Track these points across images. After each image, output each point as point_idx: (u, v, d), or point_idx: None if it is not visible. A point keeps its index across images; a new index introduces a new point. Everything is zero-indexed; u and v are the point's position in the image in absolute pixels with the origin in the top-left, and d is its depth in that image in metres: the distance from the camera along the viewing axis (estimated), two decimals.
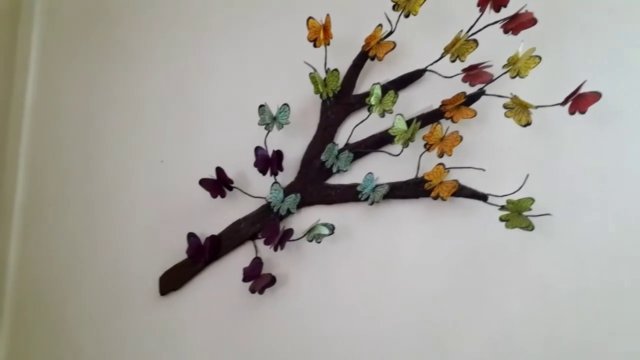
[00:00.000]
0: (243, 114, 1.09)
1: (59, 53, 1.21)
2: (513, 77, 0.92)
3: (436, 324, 1.00)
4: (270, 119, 1.00)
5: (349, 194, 1.04)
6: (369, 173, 1.00)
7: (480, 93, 0.97)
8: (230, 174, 1.03)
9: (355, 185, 1.03)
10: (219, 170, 1.01)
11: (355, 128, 1.03)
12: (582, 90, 0.88)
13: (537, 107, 0.90)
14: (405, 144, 0.99)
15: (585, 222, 0.99)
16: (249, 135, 1.02)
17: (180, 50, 1.16)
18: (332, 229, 0.98)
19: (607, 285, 0.97)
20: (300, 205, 1.05)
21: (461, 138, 0.95)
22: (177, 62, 1.15)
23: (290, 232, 1.00)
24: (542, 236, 0.96)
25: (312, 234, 0.98)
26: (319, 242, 0.99)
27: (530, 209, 0.91)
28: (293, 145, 1.06)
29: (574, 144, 1.00)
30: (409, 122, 0.98)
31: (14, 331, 1.15)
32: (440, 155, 0.98)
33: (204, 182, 1.02)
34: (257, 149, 1.00)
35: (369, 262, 1.03)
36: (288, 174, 1.06)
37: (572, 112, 0.89)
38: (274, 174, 1.01)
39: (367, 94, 0.98)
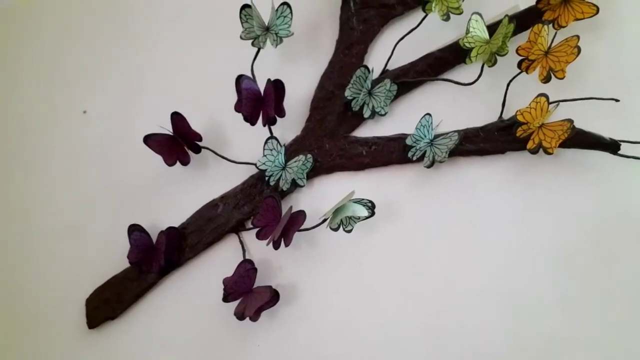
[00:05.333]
0: (214, 24, 0.70)
1: None
2: None
3: (544, 347, 0.62)
4: (261, 29, 0.60)
5: (393, 152, 0.65)
6: (426, 115, 0.60)
7: None
8: (196, 125, 0.62)
9: (402, 137, 0.64)
10: (178, 119, 0.61)
11: (399, 44, 0.64)
12: None
13: None
14: (490, 62, 0.60)
15: None
16: (225, 60, 0.65)
17: None
18: (371, 208, 0.59)
19: None
20: (312, 172, 0.65)
21: (579, 50, 0.57)
22: None
23: (301, 216, 0.60)
24: None
25: (340, 218, 0.58)
26: (349, 231, 0.60)
27: None
28: (297, 76, 0.66)
29: None
30: (491, 28, 0.60)
31: None
32: (546, 80, 0.60)
33: (152, 140, 0.62)
34: (241, 79, 0.59)
35: (429, 260, 0.64)
36: (291, 124, 0.66)
37: None
38: (269, 122, 0.61)
39: None
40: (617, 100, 0.59)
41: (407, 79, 0.65)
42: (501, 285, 0.63)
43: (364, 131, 0.67)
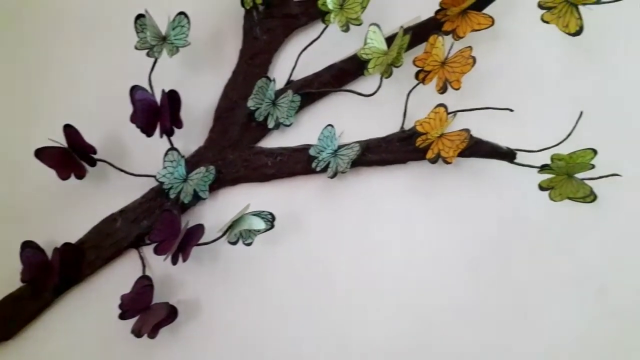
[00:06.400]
0: (112, 33, 0.68)
1: None
2: None
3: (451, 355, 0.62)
4: (157, 39, 0.59)
5: (298, 163, 0.64)
6: (328, 126, 0.60)
7: None
8: (91, 137, 0.60)
9: (306, 148, 0.63)
10: (71, 131, 0.58)
11: (302, 55, 0.63)
12: None
13: (597, 1, 0.55)
14: (386, 73, 0.61)
15: None
16: (126, 70, 0.61)
17: None
18: (270, 220, 0.58)
19: None
20: (216, 184, 0.64)
21: (474, 60, 0.58)
22: None
23: (199, 230, 0.58)
24: (608, 211, 0.62)
25: (237, 231, 0.57)
26: (249, 244, 0.59)
27: (591, 167, 0.55)
28: (199, 86, 0.65)
29: None
30: (388, 40, 0.60)
31: None
32: (442, 90, 0.60)
33: (44, 154, 0.59)
34: (134, 90, 0.58)
35: (333, 272, 0.64)
36: (193, 135, 0.65)
37: None
38: (167, 132, 0.60)
39: None
40: (511, 110, 0.60)
41: (310, 90, 0.64)
42: (407, 295, 0.63)
43: (270, 142, 0.66)
